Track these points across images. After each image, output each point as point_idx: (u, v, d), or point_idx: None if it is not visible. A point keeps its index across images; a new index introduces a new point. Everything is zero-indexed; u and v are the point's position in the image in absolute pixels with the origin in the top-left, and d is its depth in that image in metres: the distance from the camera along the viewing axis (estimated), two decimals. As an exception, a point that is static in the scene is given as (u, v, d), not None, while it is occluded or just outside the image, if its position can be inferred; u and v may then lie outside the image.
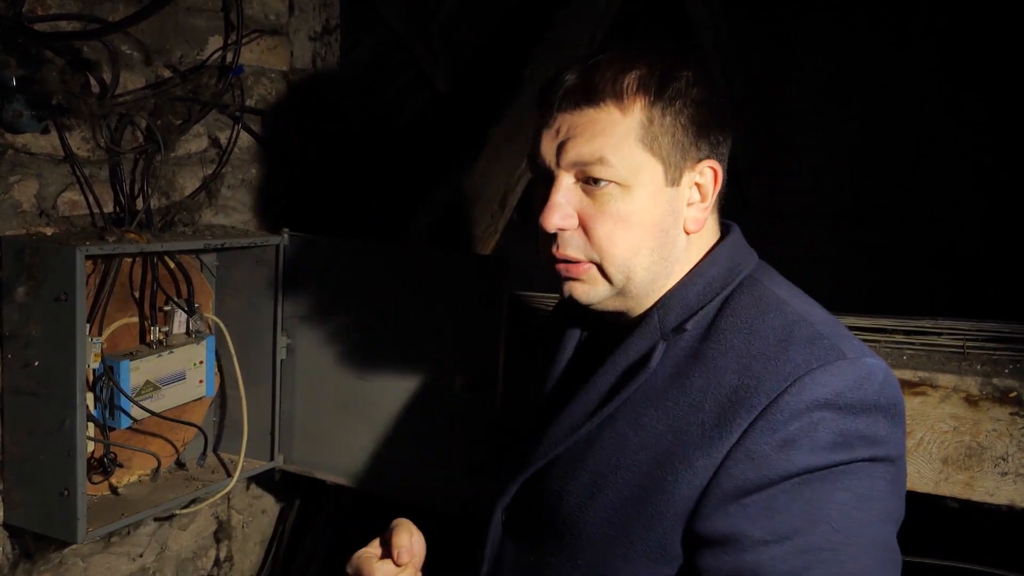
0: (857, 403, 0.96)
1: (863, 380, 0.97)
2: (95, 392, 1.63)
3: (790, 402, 0.95)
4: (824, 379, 0.96)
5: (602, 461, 1.05)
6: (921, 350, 1.59)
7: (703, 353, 1.03)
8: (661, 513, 1.00)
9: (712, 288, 1.08)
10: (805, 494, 0.94)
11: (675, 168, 1.05)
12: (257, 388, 1.90)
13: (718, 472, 0.97)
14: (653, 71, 1.04)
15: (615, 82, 1.03)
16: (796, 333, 1.00)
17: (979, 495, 1.50)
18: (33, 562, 1.65)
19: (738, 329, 1.03)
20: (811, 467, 0.94)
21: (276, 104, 2.00)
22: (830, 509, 0.94)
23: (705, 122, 1.06)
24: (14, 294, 1.50)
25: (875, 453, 0.96)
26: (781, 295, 1.06)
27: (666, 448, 1.01)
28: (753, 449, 0.96)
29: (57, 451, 1.51)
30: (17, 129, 1.50)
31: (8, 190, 1.52)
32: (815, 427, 0.94)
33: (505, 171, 2.44)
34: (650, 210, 1.04)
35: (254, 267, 1.88)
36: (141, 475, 1.79)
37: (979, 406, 1.49)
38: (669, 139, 1.04)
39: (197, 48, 1.79)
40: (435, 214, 2.51)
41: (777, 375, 0.97)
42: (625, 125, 1.03)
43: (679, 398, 1.02)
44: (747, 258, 1.11)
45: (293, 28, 2.01)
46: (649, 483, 1.01)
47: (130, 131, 1.67)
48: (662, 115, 1.03)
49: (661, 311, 1.08)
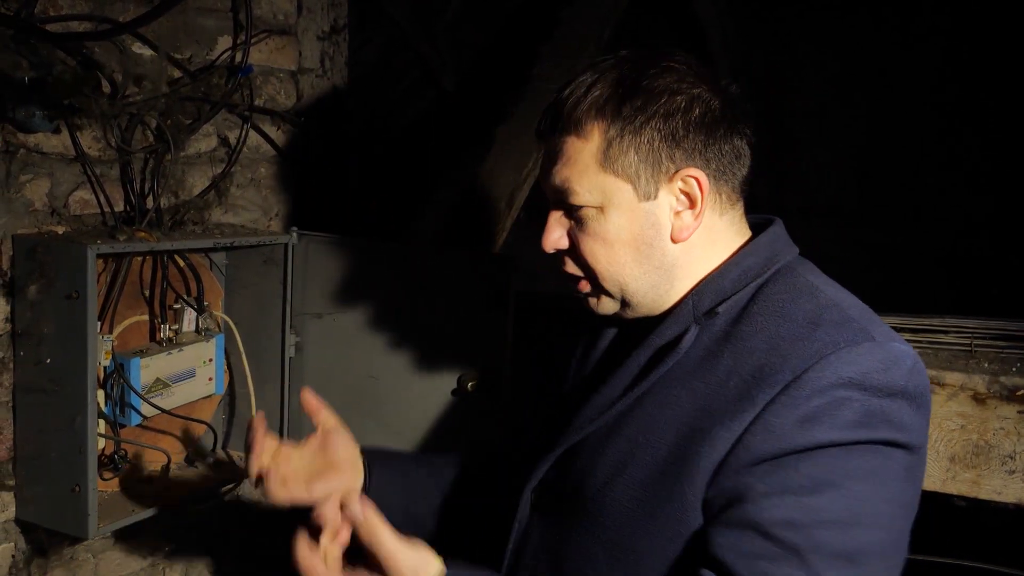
0: (884, 386, 0.96)
1: (891, 363, 0.97)
2: (106, 389, 1.64)
3: (814, 379, 0.96)
4: (851, 358, 0.96)
5: (629, 439, 1.07)
6: (928, 348, 1.60)
7: (733, 335, 1.05)
8: (683, 489, 1.01)
9: (747, 276, 1.09)
10: (816, 459, 0.95)
11: (647, 182, 1.07)
12: (266, 386, 1.91)
13: (736, 445, 0.98)
14: (615, 90, 1.07)
15: (574, 110, 1.07)
16: (826, 316, 1.01)
17: (986, 493, 1.50)
18: (45, 558, 1.67)
19: (769, 312, 1.04)
20: (829, 442, 0.95)
21: (284, 104, 2.01)
22: (839, 476, 0.94)
23: (679, 131, 1.06)
24: (26, 292, 1.51)
25: (896, 437, 0.96)
26: (816, 283, 1.08)
27: (691, 425, 1.02)
28: (773, 422, 0.97)
29: (68, 448, 1.52)
30: (29, 129, 1.51)
31: (20, 189, 1.53)
32: (839, 405, 0.95)
33: (512, 170, 2.44)
34: (627, 227, 1.08)
35: (263, 266, 1.89)
36: (151, 472, 1.80)
37: (986, 404, 1.50)
38: (633, 157, 1.06)
39: (206, 48, 1.80)
40: (443, 213, 2.52)
41: (803, 354, 0.98)
42: (587, 151, 1.07)
43: (707, 377, 1.04)
44: (786, 250, 1.13)
45: (301, 28, 2.02)
46: (673, 460, 1.03)
47: (140, 131, 1.68)
48: (620, 135, 1.06)
49: (696, 297, 1.10)
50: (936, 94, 3.66)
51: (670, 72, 1.08)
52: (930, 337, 1.61)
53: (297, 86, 2.03)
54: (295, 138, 2.04)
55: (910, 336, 1.62)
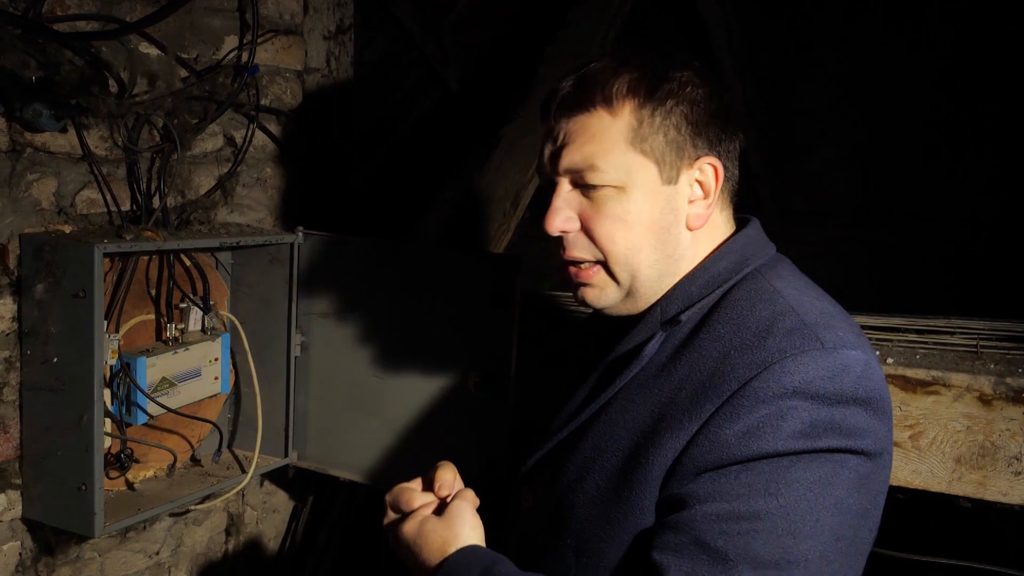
0: (831, 394, 0.96)
1: (837, 371, 0.96)
2: (112, 388, 1.64)
3: (758, 388, 0.96)
4: (794, 367, 0.96)
5: (593, 445, 1.10)
6: (934, 349, 1.59)
7: (692, 343, 1.06)
8: (636, 494, 1.03)
9: (715, 281, 1.09)
10: (757, 469, 0.95)
11: (671, 167, 1.07)
12: (271, 385, 1.91)
13: (682, 453, 0.99)
14: (644, 73, 1.07)
15: (604, 87, 1.07)
16: (779, 323, 1.01)
17: (992, 495, 1.50)
18: (52, 556, 1.67)
19: (727, 320, 1.05)
20: (772, 452, 0.95)
21: (290, 103, 2.01)
22: (778, 486, 0.94)
23: (701, 119, 1.08)
24: (33, 291, 1.52)
25: (847, 444, 0.96)
26: (779, 287, 1.07)
27: (645, 432, 1.04)
28: (715, 434, 0.97)
29: (75, 446, 1.52)
30: (36, 128, 1.51)
31: (28, 188, 1.54)
32: (783, 415, 0.95)
33: (518, 169, 2.44)
34: (647, 209, 1.07)
35: (269, 265, 1.89)
36: (157, 471, 1.80)
37: (992, 405, 1.49)
38: (662, 139, 1.06)
39: (213, 48, 1.81)
40: (448, 212, 2.52)
41: (750, 363, 0.98)
42: (615, 129, 1.06)
43: (663, 384, 1.05)
44: (758, 252, 1.12)
45: (308, 28, 2.02)
46: (628, 465, 1.04)
47: (147, 130, 1.69)
48: (652, 115, 1.06)
49: (664, 303, 1.10)
50: (942, 95, 3.66)
51: (689, 67, 1.09)
52: (936, 338, 1.61)
53: (303, 86, 2.03)
54: (301, 138, 2.04)
55: (916, 337, 1.62)
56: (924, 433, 1.53)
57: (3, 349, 1.53)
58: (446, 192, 2.56)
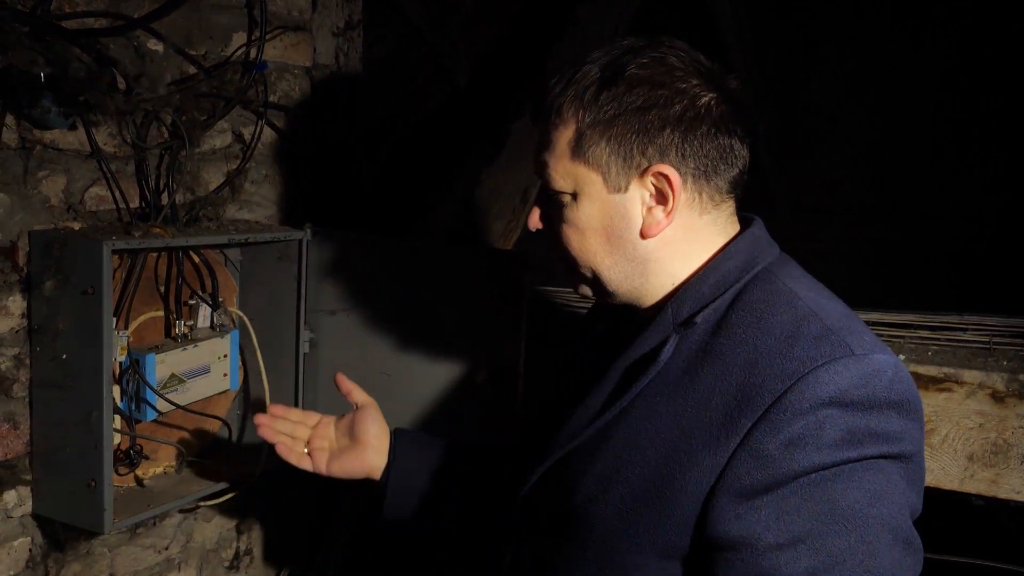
0: (864, 400, 0.95)
1: (870, 377, 0.96)
2: (121, 385, 1.65)
3: (794, 400, 0.95)
4: (828, 376, 0.95)
5: (613, 456, 1.07)
6: (947, 346, 1.58)
7: (713, 348, 1.04)
8: (669, 510, 1.01)
9: (726, 281, 1.08)
10: (817, 494, 0.94)
11: (617, 175, 1.06)
12: (280, 382, 1.91)
13: (724, 472, 0.97)
14: (594, 81, 1.06)
15: (555, 98, 1.07)
16: (804, 329, 1.00)
17: (1005, 492, 1.49)
18: (62, 552, 1.68)
19: (748, 324, 1.03)
20: (819, 465, 0.94)
21: (299, 100, 2.01)
22: (844, 508, 0.93)
23: (649, 127, 1.04)
24: (42, 288, 1.52)
25: (888, 450, 0.95)
26: (795, 289, 1.06)
27: (674, 444, 1.01)
28: (758, 449, 0.95)
29: (84, 443, 1.53)
30: (45, 125, 1.51)
31: (37, 185, 1.54)
32: (821, 425, 0.94)
33: (526, 166, 2.43)
34: (596, 216, 1.08)
35: (277, 262, 1.89)
36: (166, 467, 1.81)
37: (1005, 403, 1.48)
38: (603, 148, 1.06)
39: (221, 44, 1.80)
40: (456, 209, 2.51)
41: (782, 373, 0.97)
42: (562, 140, 1.07)
43: (687, 393, 1.03)
44: (765, 252, 1.11)
45: (316, 24, 2.02)
46: (658, 479, 1.02)
47: (155, 127, 1.69)
48: (592, 127, 1.05)
49: (675, 304, 1.08)
50: (947, 93, 3.64)
51: (660, 64, 1.05)
52: (948, 335, 1.60)
53: (311, 82, 2.03)
54: (309, 134, 2.04)
55: (929, 334, 1.61)
56: (936, 430, 1.52)
57: (12, 346, 1.54)
58: (455, 189, 2.56)
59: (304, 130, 2.03)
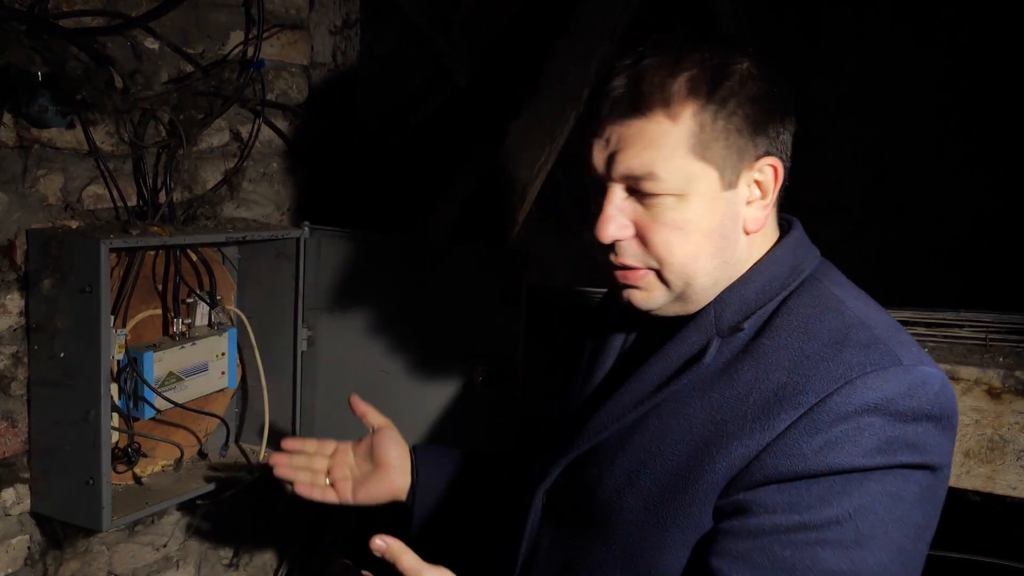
0: (908, 411, 0.94)
1: (917, 388, 0.95)
2: (119, 383, 1.65)
3: (839, 403, 0.93)
4: (876, 383, 0.94)
5: (643, 448, 1.05)
6: (943, 342, 1.58)
7: (755, 349, 1.02)
8: (696, 500, 1.00)
9: (772, 287, 1.05)
10: (830, 482, 0.93)
11: (732, 171, 1.02)
12: (278, 380, 1.91)
13: (752, 461, 0.96)
14: (704, 72, 1.00)
15: (663, 89, 0.99)
16: (852, 336, 0.98)
17: (1001, 488, 1.49)
18: (60, 550, 1.68)
19: (794, 328, 1.01)
20: (848, 467, 0.93)
21: (296, 98, 2.02)
22: (852, 497, 0.93)
23: (761, 118, 1.02)
24: (40, 286, 1.52)
25: (917, 460, 0.95)
26: (841, 296, 1.04)
27: (706, 437, 1.00)
28: (792, 446, 0.94)
29: (82, 441, 1.53)
30: (43, 124, 1.52)
31: (34, 184, 1.54)
32: (861, 431, 0.93)
33: (525, 165, 2.44)
34: (707, 217, 1.02)
35: (275, 260, 1.89)
36: (164, 465, 1.81)
37: (1001, 399, 1.48)
38: (723, 143, 1.00)
39: (218, 43, 1.81)
40: (455, 207, 2.51)
41: (829, 375, 0.95)
42: (675, 135, 0.99)
43: (725, 390, 1.01)
44: (809, 256, 1.09)
45: (314, 22, 2.02)
46: (686, 471, 1.01)
47: (153, 125, 1.69)
48: (714, 119, 0.99)
49: (718, 307, 1.05)
50: (948, 92, 3.64)
51: (748, 57, 1.02)
52: (945, 331, 1.60)
53: (309, 81, 2.03)
54: (307, 132, 2.05)
55: (925, 330, 1.61)
56: (932, 427, 1.51)
57: (11, 344, 1.54)
58: (453, 187, 2.56)
59: (302, 128, 2.03)
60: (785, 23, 3.84)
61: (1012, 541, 1.68)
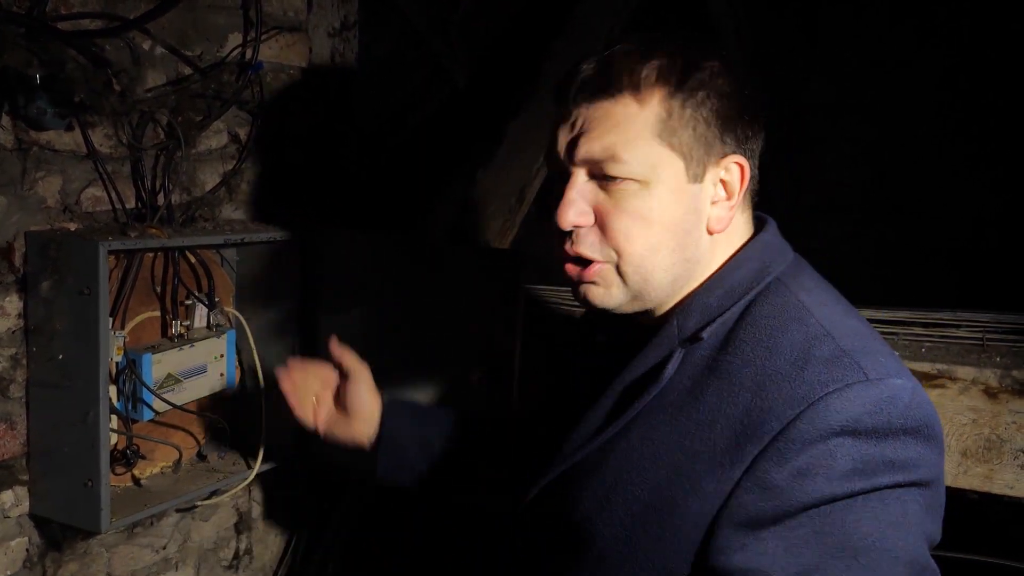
0: (878, 427, 0.91)
1: (884, 403, 0.91)
2: (118, 385, 1.65)
3: (804, 429, 0.90)
4: (840, 403, 0.90)
5: (613, 473, 1.03)
6: (940, 342, 1.58)
7: (719, 366, 0.99)
8: (669, 534, 0.98)
9: (735, 292, 1.02)
10: (827, 526, 0.90)
11: (698, 163, 1.00)
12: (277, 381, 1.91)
13: (729, 500, 0.94)
14: (675, 60, 0.99)
15: (632, 72, 0.98)
16: (816, 351, 0.95)
17: (999, 488, 1.49)
18: (59, 551, 1.68)
19: (756, 342, 0.98)
20: (830, 496, 0.90)
21: (295, 100, 2.02)
22: (855, 541, 0.89)
23: (731, 115, 1.00)
24: (39, 288, 1.53)
25: (903, 478, 0.91)
26: (807, 302, 1.00)
27: (675, 466, 0.98)
28: (765, 479, 0.92)
29: (81, 443, 1.53)
30: (41, 126, 1.52)
31: (33, 186, 1.55)
32: (831, 455, 0.90)
33: (523, 165, 2.44)
34: (670, 208, 1.00)
35: (273, 261, 1.89)
36: (163, 467, 1.81)
37: (998, 398, 1.48)
38: (690, 133, 0.99)
39: (217, 45, 1.81)
40: (453, 208, 2.52)
41: (790, 398, 0.92)
42: (642, 118, 0.98)
43: (691, 413, 0.98)
44: (778, 259, 1.06)
45: (312, 24, 2.03)
46: (658, 501, 0.99)
47: (151, 128, 1.70)
48: (682, 107, 0.98)
49: (680, 316, 1.03)
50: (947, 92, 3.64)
51: (718, 57, 1.02)
52: (942, 331, 1.60)
53: (307, 83, 2.04)
54: (305, 135, 2.05)
55: (922, 330, 1.61)
56: (930, 427, 1.51)
57: (9, 346, 1.55)
58: (451, 188, 2.56)
59: (300, 130, 2.03)
60: (784, 23, 3.84)
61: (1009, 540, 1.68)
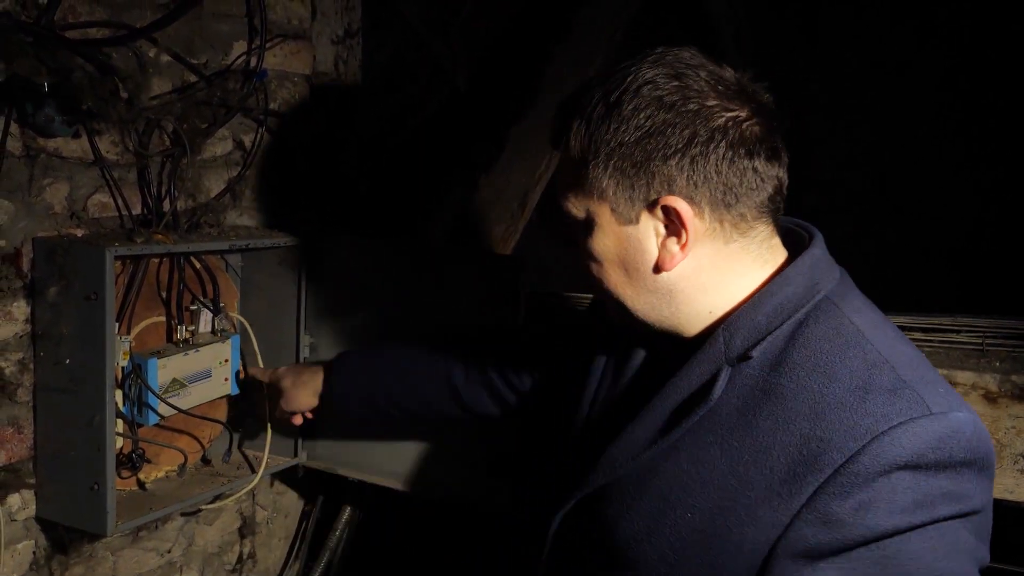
0: (941, 462, 0.90)
1: (948, 438, 0.90)
2: (124, 389, 1.66)
3: (867, 463, 0.89)
4: (905, 439, 0.89)
5: (662, 495, 1.01)
6: (939, 347, 1.59)
7: (774, 390, 0.97)
8: (721, 563, 0.97)
9: (784, 310, 0.99)
10: (885, 558, 0.89)
11: (625, 207, 1.00)
12: (281, 386, 1.92)
13: (787, 531, 0.93)
14: (597, 106, 1.00)
15: (561, 127, 1.04)
16: (876, 380, 0.93)
17: (998, 492, 1.49)
18: (65, 555, 1.70)
19: (813, 367, 0.96)
20: (891, 530, 0.89)
21: (299, 107, 2.03)
22: (912, 571, 0.89)
23: (651, 156, 0.97)
24: (46, 294, 1.54)
25: (960, 509, 0.91)
26: (860, 325, 0.98)
27: (729, 493, 0.97)
28: (826, 512, 0.91)
29: (87, 446, 1.54)
30: (49, 133, 1.53)
31: (40, 192, 1.56)
32: (893, 489, 0.89)
33: (525, 170, 2.45)
34: (611, 248, 1.03)
35: (277, 267, 1.91)
36: (168, 471, 1.82)
37: (998, 403, 1.49)
38: (607, 181, 1.00)
39: (222, 53, 1.82)
40: (455, 213, 2.53)
41: (853, 431, 0.91)
42: (571, 166, 1.03)
43: (744, 438, 0.97)
44: (826, 276, 1.03)
45: (316, 32, 2.04)
46: (710, 528, 0.98)
47: (157, 135, 1.71)
48: (595, 156, 1.00)
49: (727, 332, 1.01)
50: (949, 93, 3.65)
51: (668, 84, 0.97)
52: (941, 336, 1.61)
53: (311, 90, 2.05)
54: (309, 141, 2.06)
55: (921, 335, 1.62)
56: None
57: (16, 351, 1.56)
58: (453, 193, 2.57)
59: (304, 137, 2.05)
60: (784, 23, 3.84)
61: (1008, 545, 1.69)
